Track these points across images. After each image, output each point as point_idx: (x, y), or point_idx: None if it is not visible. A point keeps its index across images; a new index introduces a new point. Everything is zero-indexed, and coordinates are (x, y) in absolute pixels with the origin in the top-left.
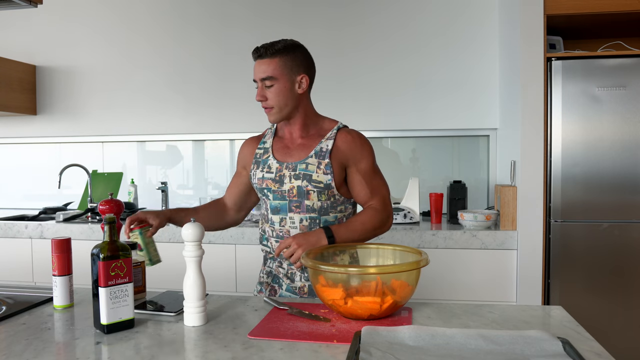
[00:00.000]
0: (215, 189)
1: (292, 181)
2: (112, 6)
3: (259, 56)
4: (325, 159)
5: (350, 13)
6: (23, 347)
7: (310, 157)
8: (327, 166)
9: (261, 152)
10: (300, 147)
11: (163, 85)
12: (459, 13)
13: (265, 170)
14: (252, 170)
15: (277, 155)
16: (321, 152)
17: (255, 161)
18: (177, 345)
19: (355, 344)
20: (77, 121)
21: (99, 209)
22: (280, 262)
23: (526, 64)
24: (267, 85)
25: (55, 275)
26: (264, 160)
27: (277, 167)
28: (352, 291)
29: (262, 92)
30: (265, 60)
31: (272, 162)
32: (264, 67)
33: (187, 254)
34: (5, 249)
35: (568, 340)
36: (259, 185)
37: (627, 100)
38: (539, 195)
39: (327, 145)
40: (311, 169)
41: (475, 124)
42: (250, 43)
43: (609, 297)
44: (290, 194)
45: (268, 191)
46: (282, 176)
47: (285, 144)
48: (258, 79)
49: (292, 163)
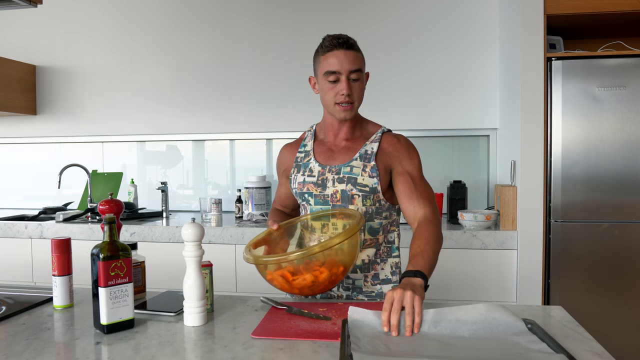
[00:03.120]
0: (215, 188)
1: (335, 185)
2: (112, 6)
3: (349, 46)
4: (370, 161)
5: (350, 16)
6: (23, 347)
7: (354, 159)
8: (372, 169)
9: (302, 156)
10: (345, 150)
11: (163, 85)
12: (458, 13)
13: (307, 174)
14: (293, 174)
15: (319, 158)
16: (366, 155)
17: (296, 165)
18: (177, 345)
19: (344, 330)
20: (77, 121)
21: (99, 209)
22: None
23: (526, 64)
24: (353, 78)
25: (55, 275)
26: (305, 163)
27: (320, 170)
28: (290, 273)
29: (349, 84)
30: (353, 52)
31: (314, 165)
32: (353, 58)
33: (187, 254)
34: (5, 249)
35: (534, 322)
36: (299, 189)
37: (627, 100)
38: (539, 195)
39: (372, 148)
40: (356, 172)
41: (475, 124)
42: (250, 43)
43: (609, 297)
44: (333, 199)
45: (309, 195)
46: (324, 180)
47: (328, 147)
48: (346, 70)
49: (335, 166)
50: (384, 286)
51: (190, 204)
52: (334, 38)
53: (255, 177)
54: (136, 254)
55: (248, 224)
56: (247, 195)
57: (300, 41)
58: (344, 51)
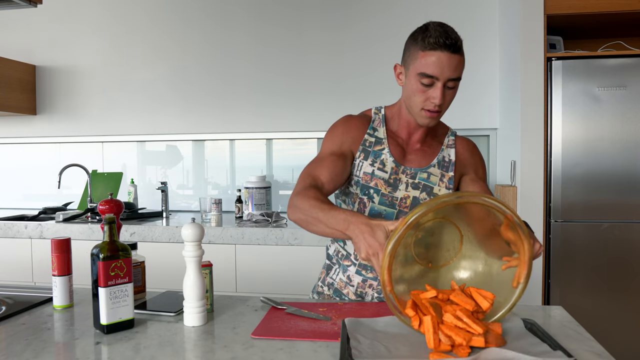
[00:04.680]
0: (215, 188)
1: (408, 189)
2: (112, 6)
3: (456, 49)
4: (449, 171)
5: (350, 12)
6: (23, 347)
7: (432, 166)
8: (450, 180)
9: (372, 141)
10: (420, 153)
11: (163, 85)
12: (458, 13)
13: (377, 166)
14: (358, 159)
15: (394, 152)
16: (444, 163)
17: (363, 149)
18: (177, 345)
19: (344, 332)
20: (77, 121)
21: (98, 209)
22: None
23: (526, 64)
24: (450, 86)
25: (55, 275)
26: (375, 152)
27: (393, 168)
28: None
29: (443, 93)
30: (458, 57)
31: (388, 159)
32: (456, 63)
33: (187, 254)
34: (5, 249)
35: (534, 322)
36: (364, 181)
37: (627, 100)
38: (539, 195)
39: (450, 155)
40: (433, 180)
41: (475, 124)
42: (250, 43)
43: (609, 297)
44: (402, 203)
45: (375, 192)
46: (397, 180)
47: (400, 144)
48: (446, 78)
49: (411, 169)
50: None
51: (190, 204)
52: (442, 35)
53: (255, 177)
54: (136, 254)
55: (248, 224)
56: (247, 195)
57: (300, 40)
58: (449, 54)
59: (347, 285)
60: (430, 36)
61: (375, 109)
